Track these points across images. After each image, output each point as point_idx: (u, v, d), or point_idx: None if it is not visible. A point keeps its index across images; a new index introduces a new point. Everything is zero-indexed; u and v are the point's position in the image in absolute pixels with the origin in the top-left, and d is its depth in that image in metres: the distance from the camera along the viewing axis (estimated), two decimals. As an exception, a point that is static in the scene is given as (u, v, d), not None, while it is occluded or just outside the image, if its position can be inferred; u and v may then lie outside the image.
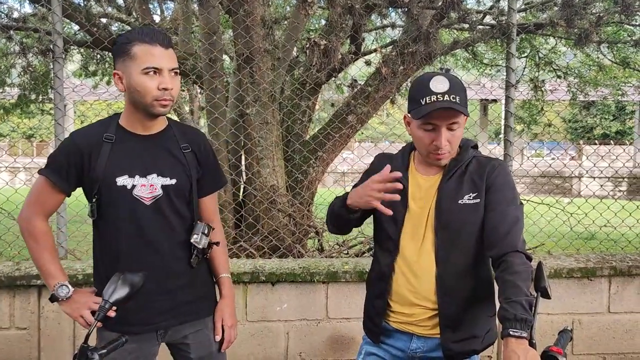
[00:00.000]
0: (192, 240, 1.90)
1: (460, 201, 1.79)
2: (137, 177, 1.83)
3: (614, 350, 3.39)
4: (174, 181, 1.88)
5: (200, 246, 1.91)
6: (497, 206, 1.76)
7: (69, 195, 1.92)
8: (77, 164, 1.83)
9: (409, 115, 1.83)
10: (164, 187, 1.86)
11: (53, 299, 1.86)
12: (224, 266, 2.08)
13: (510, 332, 1.52)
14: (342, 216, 1.88)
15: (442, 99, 1.72)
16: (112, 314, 1.76)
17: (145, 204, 1.84)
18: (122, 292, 1.63)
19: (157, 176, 1.86)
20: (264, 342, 3.19)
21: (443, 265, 1.80)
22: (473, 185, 1.80)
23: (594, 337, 3.37)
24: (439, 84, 1.75)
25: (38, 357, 3.06)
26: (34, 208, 1.89)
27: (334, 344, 3.22)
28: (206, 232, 1.93)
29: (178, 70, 1.83)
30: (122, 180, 1.82)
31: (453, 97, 1.73)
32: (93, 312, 1.82)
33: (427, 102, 1.73)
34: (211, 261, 2.06)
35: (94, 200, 1.84)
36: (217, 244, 2.02)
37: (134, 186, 1.83)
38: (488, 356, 3.33)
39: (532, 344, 1.70)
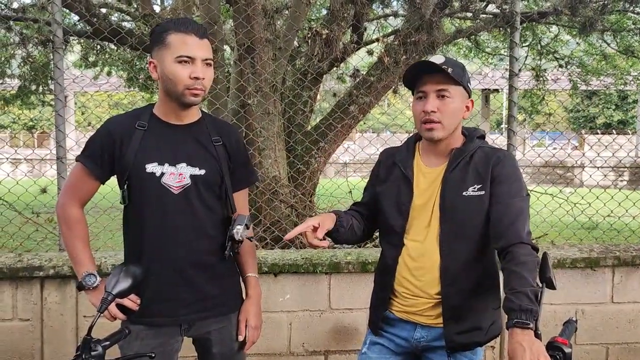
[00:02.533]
0: (232, 232, 1.87)
1: (464, 193, 1.77)
2: (166, 165, 1.83)
3: (617, 340, 3.38)
4: (203, 172, 1.87)
5: (239, 237, 1.87)
6: (502, 199, 1.74)
7: (103, 183, 1.93)
8: (110, 150, 1.84)
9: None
10: (192, 177, 1.85)
11: (80, 287, 1.85)
12: (252, 265, 2.05)
13: (516, 323, 1.50)
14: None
15: (433, 63, 1.76)
16: (134, 306, 1.79)
17: (173, 193, 1.83)
18: (124, 283, 1.63)
19: (187, 165, 1.85)
20: (267, 333, 3.19)
21: (447, 257, 1.79)
22: (478, 177, 1.78)
23: (597, 327, 3.36)
24: (433, 58, 1.78)
25: (41, 349, 3.07)
26: (70, 195, 1.90)
27: (337, 335, 3.22)
28: (248, 224, 1.90)
29: (212, 61, 1.83)
30: (152, 167, 1.82)
31: (445, 67, 1.75)
32: (120, 307, 1.80)
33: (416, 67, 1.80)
34: (239, 258, 2.03)
35: (125, 186, 1.85)
36: (251, 239, 1.99)
37: (162, 174, 1.83)
38: (491, 346, 3.33)
39: (537, 335, 1.69)
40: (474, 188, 1.77)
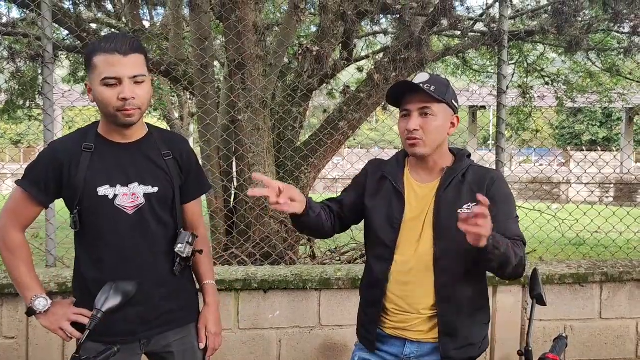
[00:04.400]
0: (176, 250, 1.86)
1: (459, 210, 1.79)
2: (118, 186, 1.79)
3: (605, 356, 3.39)
4: (156, 189, 1.84)
5: (184, 255, 1.87)
6: (500, 219, 1.77)
7: (46, 208, 1.88)
8: (56, 174, 1.78)
9: None
10: (146, 195, 1.82)
11: (30, 312, 1.81)
12: (208, 273, 2.04)
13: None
14: (292, 218, 1.86)
15: (413, 84, 1.79)
16: (86, 321, 1.70)
17: (128, 214, 1.80)
18: (114, 301, 1.61)
19: (139, 185, 1.81)
20: (256, 350, 3.17)
21: (442, 274, 1.80)
22: (472, 196, 1.80)
23: (586, 343, 3.37)
24: (418, 76, 1.81)
25: (26, 367, 3.01)
26: (10, 219, 1.84)
27: (327, 352, 3.20)
28: (190, 241, 1.89)
29: (143, 77, 1.74)
30: (104, 190, 1.78)
31: (428, 86, 1.77)
32: (74, 324, 1.78)
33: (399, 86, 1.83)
34: (195, 268, 2.03)
35: (75, 211, 1.80)
36: (201, 252, 1.98)
37: (115, 196, 1.79)
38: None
39: (528, 351, 1.70)
40: (469, 206, 1.78)
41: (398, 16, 4.17)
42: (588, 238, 4.96)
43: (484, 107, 19.30)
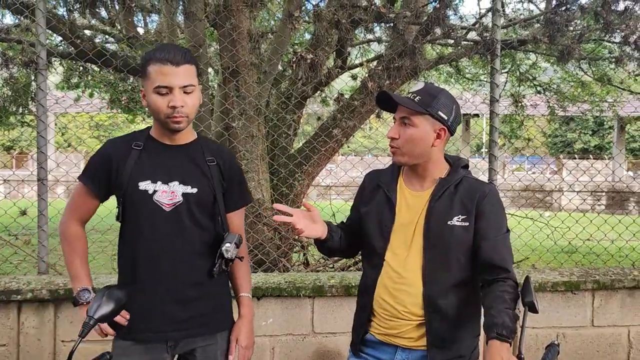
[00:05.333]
0: (222, 249, 1.90)
1: (449, 222, 1.81)
2: (159, 183, 1.88)
3: (598, 364, 3.41)
4: (195, 190, 1.91)
5: (228, 256, 1.90)
6: (490, 234, 1.80)
7: (102, 202, 1.98)
8: (107, 169, 1.90)
9: None
10: (184, 194, 1.89)
11: (74, 302, 1.89)
12: (245, 285, 2.07)
13: (497, 336, 1.60)
14: (317, 244, 1.94)
15: (388, 95, 1.84)
16: (124, 322, 1.81)
17: (165, 210, 1.87)
18: (107, 308, 1.61)
19: (179, 184, 1.89)
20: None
21: (431, 284, 1.81)
22: (463, 208, 1.82)
23: (578, 351, 3.38)
24: (414, 86, 1.86)
25: (17, 375, 2.99)
26: (71, 212, 1.97)
27: (320, 359, 3.20)
28: (238, 242, 1.93)
29: (193, 86, 1.85)
30: (144, 185, 1.87)
31: (412, 96, 1.82)
32: (111, 323, 1.83)
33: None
34: (233, 277, 2.06)
35: (119, 203, 1.90)
36: (242, 258, 2.01)
37: (155, 191, 1.87)
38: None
39: (520, 359, 1.71)
40: (459, 218, 1.80)
41: (392, 25, 4.19)
42: (580, 246, 4.99)
43: (477, 115, 19.40)
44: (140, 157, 1.90)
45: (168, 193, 1.88)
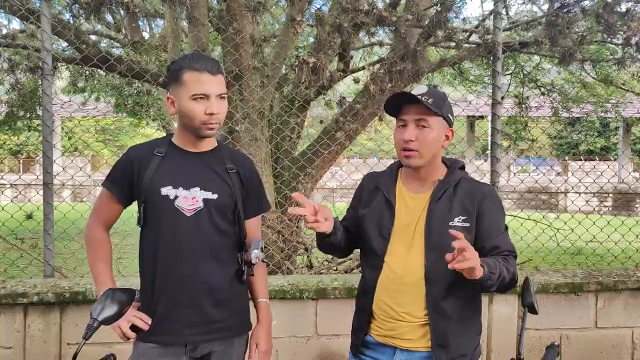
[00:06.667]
0: (251, 255, 1.94)
1: (450, 223, 1.82)
2: (180, 188, 1.92)
3: (601, 365, 3.40)
4: (215, 196, 1.94)
5: (257, 261, 1.95)
6: (493, 233, 1.83)
7: (125, 206, 2.03)
8: (130, 174, 1.95)
9: None
10: (205, 200, 1.92)
11: None
12: (263, 290, 2.11)
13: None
14: (319, 239, 1.94)
15: (412, 95, 1.83)
16: (145, 326, 1.85)
17: (186, 215, 1.91)
18: (110, 310, 1.63)
19: (200, 190, 1.93)
20: None
21: (434, 285, 1.83)
22: (463, 209, 1.84)
23: (581, 353, 3.38)
24: (417, 88, 1.85)
25: (23, 377, 3.01)
26: (95, 217, 2.03)
27: (324, 361, 3.21)
28: (263, 248, 1.98)
29: (226, 94, 1.94)
30: (166, 190, 1.91)
31: (426, 98, 1.81)
32: (133, 327, 1.87)
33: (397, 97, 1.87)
34: (250, 283, 2.08)
35: (141, 209, 1.94)
36: (265, 261, 2.06)
37: (176, 197, 1.91)
38: None
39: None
40: (459, 219, 1.82)
41: (394, 28, 4.21)
42: (583, 247, 4.98)
43: (481, 117, 19.35)
44: (162, 164, 1.94)
45: (189, 199, 1.91)
